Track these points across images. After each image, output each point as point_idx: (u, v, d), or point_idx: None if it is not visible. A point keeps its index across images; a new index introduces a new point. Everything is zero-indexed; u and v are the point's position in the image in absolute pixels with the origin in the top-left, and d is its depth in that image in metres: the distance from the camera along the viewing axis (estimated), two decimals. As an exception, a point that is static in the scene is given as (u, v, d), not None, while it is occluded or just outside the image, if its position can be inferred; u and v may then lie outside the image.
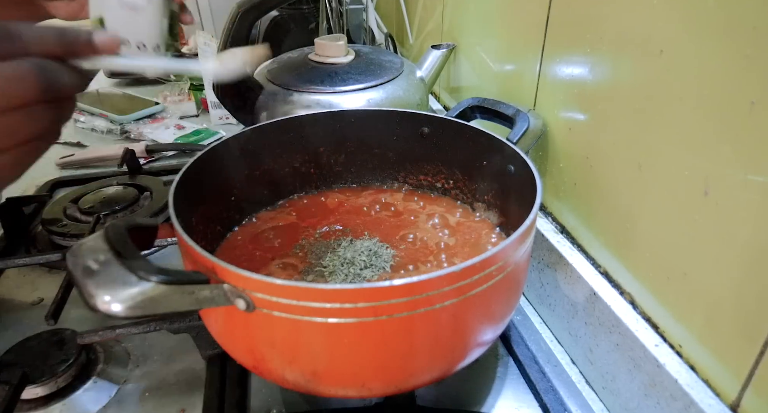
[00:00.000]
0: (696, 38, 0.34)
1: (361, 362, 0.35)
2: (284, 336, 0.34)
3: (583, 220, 0.50)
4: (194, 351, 0.49)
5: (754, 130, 0.31)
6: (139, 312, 0.28)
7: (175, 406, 0.46)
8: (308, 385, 0.37)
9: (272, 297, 0.32)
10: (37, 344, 0.49)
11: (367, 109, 0.56)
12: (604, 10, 0.42)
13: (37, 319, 0.54)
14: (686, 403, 0.36)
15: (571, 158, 0.50)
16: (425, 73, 0.74)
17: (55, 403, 0.46)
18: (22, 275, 0.62)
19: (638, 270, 0.43)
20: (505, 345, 0.51)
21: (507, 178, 0.49)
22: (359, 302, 0.31)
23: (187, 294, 0.30)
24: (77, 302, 0.48)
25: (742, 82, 0.31)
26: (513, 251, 0.36)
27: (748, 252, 0.32)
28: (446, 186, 0.58)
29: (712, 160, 0.34)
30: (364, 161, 0.59)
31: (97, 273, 0.28)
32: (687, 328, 0.38)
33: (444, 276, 0.32)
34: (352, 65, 0.71)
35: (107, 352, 0.51)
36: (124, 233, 0.31)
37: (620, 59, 0.41)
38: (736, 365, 0.34)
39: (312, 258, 0.49)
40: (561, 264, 0.50)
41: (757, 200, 0.31)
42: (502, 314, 0.40)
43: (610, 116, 0.43)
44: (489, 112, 0.55)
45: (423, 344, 0.35)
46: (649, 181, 0.40)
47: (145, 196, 0.72)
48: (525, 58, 0.56)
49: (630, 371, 0.41)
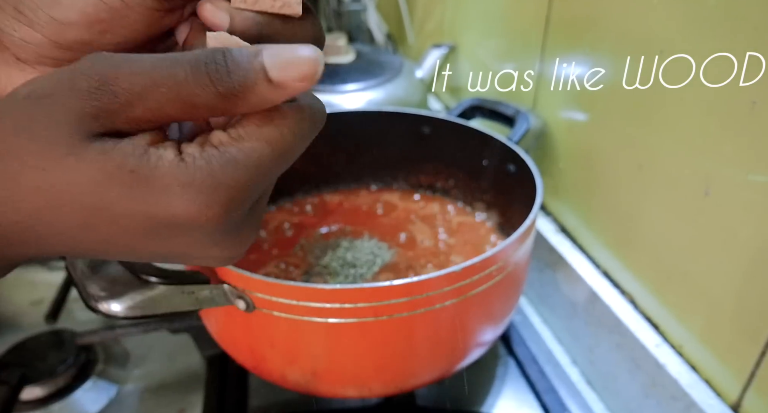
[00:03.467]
0: (696, 38, 0.34)
1: (361, 362, 0.35)
2: (284, 336, 0.34)
3: (583, 220, 0.50)
4: (194, 351, 0.49)
5: (755, 130, 0.31)
6: (139, 312, 0.28)
7: (175, 406, 0.46)
8: (308, 385, 0.37)
9: (272, 297, 0.32)
10: (36, 344, 0.49)
11: (367, 109, 0.56)
12: (604, 10, 0.42)
13: (36, 319, 0.54)
14: (687, 403, 0.36)
15: (571, 158, 0.50)
16: (425, 73, 0.74)
17: (55, 403, 0.46)
18: (22, 275, 0.62)
19: (639, 270, 0.43)
20: (505, 345, 0.51)
21: (507, 177, 0.49)
22: (359, 302, 0.31)
23: (187, 294, 0.30)
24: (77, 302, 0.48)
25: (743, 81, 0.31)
26: (513, 251, 0.36)
27: (749, 252, 0.32)
28: (446, 186, 0.58)
29: (712, 160, 0.34)
30: (364, 161, 0.59)
31: (97, 273, 0.28)
32: (688, 328, 0.38)
33: (444, 276, 0.32)
34: (352, 65, 0.71)
35: (107, 352, 0.51)
36: (124, 233, 0.31)
37: (620, 59, 0.41)
38: (738, 365, 0.34)
39: (312, 258, 0.49)
40: (561, 264, 0.50)
41: (758, 200, 0.31)
42: (502, 314, 0.40)
43: (610, 116, 0.43)
44: (489, 112, 0.55)
45: (423, 344, 0.35)
46: (649, 181, 0.40)
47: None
48: (525, 58, 0.56)
49: (630, 371, 0.41)
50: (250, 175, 0.19)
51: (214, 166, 0.18)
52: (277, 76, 0.17)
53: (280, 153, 0.19)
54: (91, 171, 0.17)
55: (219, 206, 0.18)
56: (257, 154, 0.19)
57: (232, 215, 0.19)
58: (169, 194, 0.18)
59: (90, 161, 0.17)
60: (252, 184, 0.19)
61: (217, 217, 0.19)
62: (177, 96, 0.17)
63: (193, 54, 0.17)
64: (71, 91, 0.17)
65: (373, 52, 0.76)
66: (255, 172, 0.19)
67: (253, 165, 0.19)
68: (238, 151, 0.18)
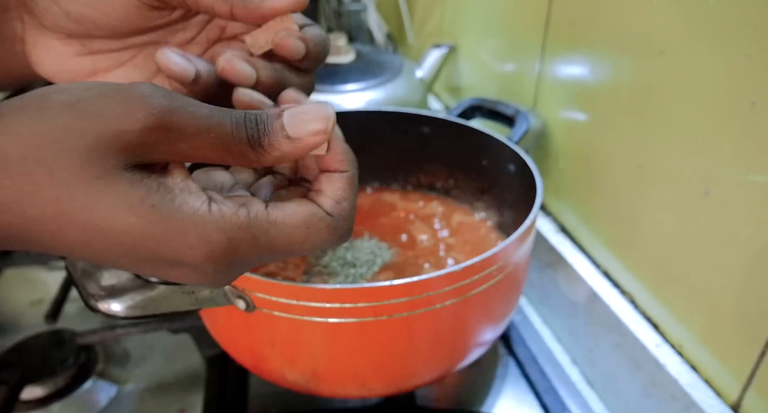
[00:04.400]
0: (696, 38, 0.34)
1: (361, 362, 0.35)
2: (284, 336, 0.34)
3: (583, 220, 0.50)
4: (194, 351, 0.49)
5: (754, 130, 0.31)
6: (139, 312, 0.28)
7: (175, 406, 0.46)
8: (308, 385, 0.37)
9: (272, 297, 0.32)
10: (36, 344, 0.49)
11: (367, 109, 0.56)
12: (604, 10, 0.42)
13: (36, 319, 0.54)
14: (687, 403, 0.36)
15: (571, 158, 0.50)
16: (425, 73, 0.74)
17: (55, 403, 0.46)
18: (22, 275, 0.62)
19: (639, 270, 0.43)
20: (505, 345, 0.51)
21: (507, 178, 0.49)
22: (359, 302, 0.31)
23: (187, 294, 0.30)
24: (77, 302, 0.48)
25: (742, 81, 0.31)
26: (513, 251, 0.36)
27: (749, 252, 0.32)
28: (446, 186, 0.58)
29: (712, 160, 0.34)
30: (364, 161, 0.58)
31: (97, 273, 0.28)
32: (688, 328, 0.38)
33: (444, 276, 0.32)
34: (352, 65, 0.71)
35: (107, 352, 0.51)
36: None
37: (620, 59, 0.41)
38: (738, 365, 0.34)
39: (312, 258, 0.49)
40: (561, 264, 0.50)
41: (758, 200, 0.31)
42: (502, 314, 0.40)
43: (611, 116, 0.43)
44: (489, 112, 0.55)
45: (423, 344, 0.35)
46: (649, 181, 0.40)
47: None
48: (525, 58, 0.56)
49: (630, 371, 0.41)
50: (261, 255, 0.21)
51: (235, 233, 0.20)
52: (294, 133, 0.21)
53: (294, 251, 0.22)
54: (114, 198, 0.18)
55: (225, 265, 0.20)
56: (276, 234, 0.21)
57: (234, 272, 0.22)
58: (182, 238, 0.19)
59: (117, 190, 0.18)
60: (261, 260, 0.22)
61: (218, 272, 0.21)
62: (221, 143, 0.20)
63: (237, 112, 0.20)
64: (126, 116, 0.18)
65: (373, 52, 0.76)
66: (267, 254, 0.21)
67: (267, 250, 0.21)
68: (266, 231, 0.21)
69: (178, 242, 0.19)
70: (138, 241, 0.19)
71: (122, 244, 0.19)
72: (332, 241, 0.23)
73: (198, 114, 0.19)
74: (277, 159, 0.21)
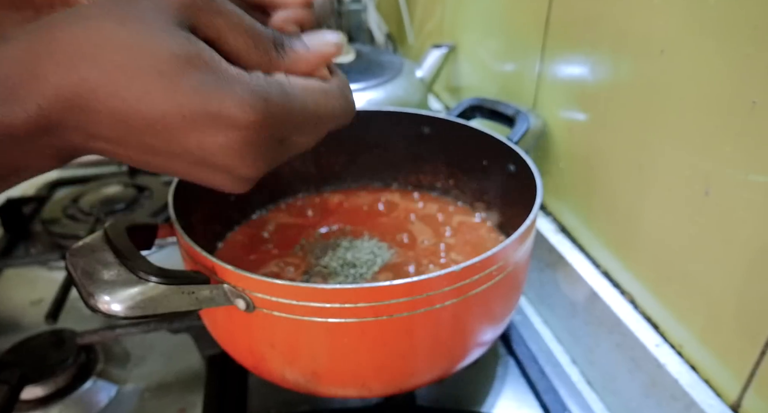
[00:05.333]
0: (696, 38, 0.34)
1: (361, 362, 0.35)
2: (284, 336, 0.34)
3: (583, 220, 0.50)
4: (194, 351, 0.49)
5: (755, 130, 0.31)
6: (139, 312, 0.28)
7: (175, 406, 0.46)
8: (308, 385, 0.37)
9: (272, 297, 0.32)
10: (36, 344, 0.49)
11: (367, 109, 0.56)
12: (604, 10, 0.42)
13: (36, 319, 0.54)
14: (687, 403, 0.36)
15: (571, 158, 0.50)
16: (425, 73, 0.74)
17: (55, 403, 0.46)
18: (22, 275, 0.62)
19: (638, 270, 0.43)
20: (505, 345, 0.51)
21: (507, 177, 0.49)
22: (359, 302, 0.31)
23: (187, 294, 0.30)
24: (77, 302, 0.48)
25: (743, 81, 0.31)
26: (513, 251, 0.36)
27: (749, 252, 0.32)
28: (446, 186, 0.58)
29: (712, 160, 0.34)
30: (364, 161, 0.59)
31: (97, 273, 0.28)
32: (688, 328, 0.38)
33: (444, 276, 0.32)
34: (352, 65, 0.71)
35: (107, 352, 0.51)
36: (124, 233, 0.31)
37: (620, 59, 0.41)
38: (737, 365, 0.34)
39: (312, 258, 0.49)
40: (561, 264, 0.50)
41: (758, 200, 0.31)
42: (502, 314, 0.40)
43: (611, 116, 0.43)
44: (489, 112, 0.55)
45: (423, 344, 0.35)
46: (649, 181, 0.40)
47: (145, 195, 0.72)
48: (525, 58, 0.56)
49: (630, 371, 0.41)
50: (293, 107, 0.24)
51: (272, 88, 0.23)
52: (311, 44, 0.25)
53: (317, 107, 0.25)
54: (174, 47, 0.21)
55: (263, 116, 0.23)
56: (302, 98, 0.24)
57: (269, 131, 0.23)
58: (230, 86, 0.22)
59: (177, 41, 0.21)
60: (291, 116, 0.24)
61: (257, 124, 0.23)
62: (251, 32, 0.24)
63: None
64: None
65: (373, 52, 0.76)
66: (298, 107, 0.24)
67: (298, 102, 0.24)
68: (292, 87, 0.24)
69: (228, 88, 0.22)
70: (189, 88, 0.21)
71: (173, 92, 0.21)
72: (347, 109, 0.27)
73: (234, 5, 0.23)
74: (293, 61, 0.25)
